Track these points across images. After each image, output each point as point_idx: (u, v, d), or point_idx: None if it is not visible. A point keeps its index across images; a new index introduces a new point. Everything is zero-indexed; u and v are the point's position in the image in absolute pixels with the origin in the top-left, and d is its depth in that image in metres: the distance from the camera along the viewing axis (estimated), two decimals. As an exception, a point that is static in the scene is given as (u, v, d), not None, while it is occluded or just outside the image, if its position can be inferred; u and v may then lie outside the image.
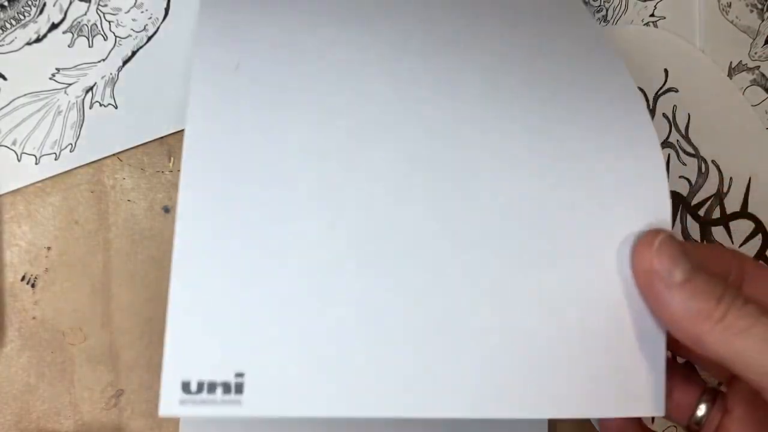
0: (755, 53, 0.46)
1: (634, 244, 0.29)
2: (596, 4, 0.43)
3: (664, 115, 0.43)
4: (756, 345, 0.26)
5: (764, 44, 0.46)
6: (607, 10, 0.43)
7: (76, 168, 0.36)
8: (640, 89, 0.43)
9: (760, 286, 0.31)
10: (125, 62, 0.37)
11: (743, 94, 0.45)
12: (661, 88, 0.43)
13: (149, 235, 0.36)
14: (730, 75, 0.45)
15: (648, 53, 0.43)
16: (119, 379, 0.35)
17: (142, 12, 0.37)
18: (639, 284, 0.28)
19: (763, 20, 0.47)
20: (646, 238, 0.28)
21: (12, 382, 0.34)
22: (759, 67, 0.46)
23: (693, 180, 0.43)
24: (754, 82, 0.46)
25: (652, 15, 0.44)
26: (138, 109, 0.37)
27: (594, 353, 0.29)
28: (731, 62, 0.46)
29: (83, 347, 0.35)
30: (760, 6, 0.46)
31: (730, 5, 0.46)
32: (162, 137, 0.37)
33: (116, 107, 0.37)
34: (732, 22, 0.46)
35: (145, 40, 0.37)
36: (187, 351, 0.23)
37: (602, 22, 0.43)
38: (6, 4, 0.35)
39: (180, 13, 0.38)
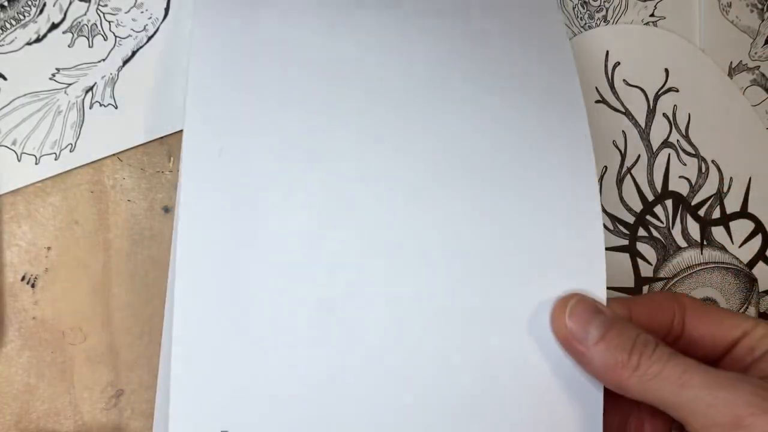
0: (755, 53, 0.46)
1: (551, 311, 0.32)
2: (596, 4, 0.43)
3: (664, 114, 0.43)
4: (668, 386, 0.28)
5: (764, 44, 0.46)
6: (607, 10, 0.43)
7: (76, 168, 0.36)
8: (641, 89, 0.43)
9: (700, 323, 0.33)
10: (125, 62, 0.37)
11: (743, 94, 0.45)
12: (661, 87, 0.43)
13: (149, 235, 0.36)
14: (730, 75, 0.45)
15: (648, 52, 0.43)
16: (119, 379, 0.35)
17: (142, 12, 0.37)
18: (562, 346, 0.31)
19: (763, 20, 0.47)
20: (559, 303, 0.32)
21: (12, 382, 0.34)
22: (759, 67, 0.46)
23: (693, 180, 0.43)
24: (754, 82, 0.46)
25: (652, 15, 0.44)
26: (138, 109, 0.37)
27: (531, 410, 0.32)
28: (731, 62, 0.46)
29: (83, 347, 0.35)
30: (760, 6, 0.46)
31: (730, 5, 0.46)
32: (162, 137, 0.37)
33: (116, 107, 0.37)
34: (732, 22, 0.46)
35: (145, 40, 0.37)
36: (186, 414, 0.29)
37: (602, 22, 0.43)
38: (6, 4, 0.35)
39: (180, 13, 0.38)
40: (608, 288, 0.40)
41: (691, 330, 0.33)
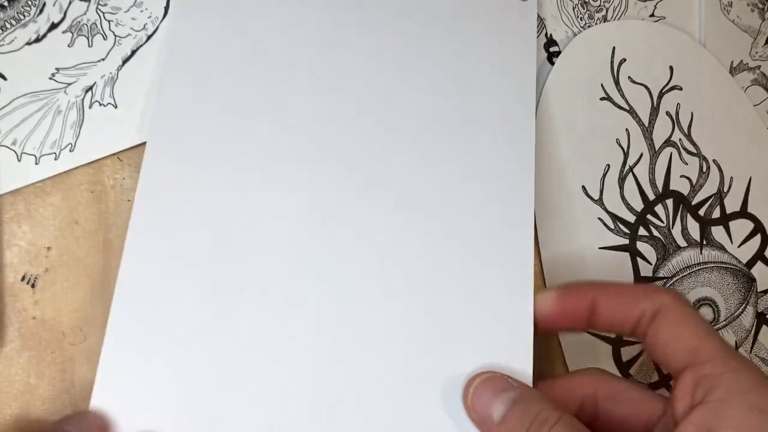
0: (756, 53, 0.46)
1: (462, 391, 0.32)
2: (596, 4, 0.43)
3: (667, 113, 0.43)
4: None
5: (765, 44, 0.46)
6: (607, 10, 0.43)
7: (76, 168, 0.36)
8: (645, 86, 0.43)
9: (668, 325, 0.32)
10: (125, 61, 0.37)
11: (744, 93, 0.45)
12: (666, 85, 0.43)
13: (149, 235, 0.36)
14: (731, 74, 0.45)
15: (654, 49, 0.43)
16: (119, 379, 0.35)
17: (141, 11, 0.37)
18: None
19: (764, 20, 0.47)
20: (467, 384, 0.32)
21: (12, 383, 0.34)
22: (760, 66, 0.46)
23: (694, 179, 0.43)
24: (755, 82, 0.46)
25: (652, 15, 0.44)
26: (138, 108, 0.37)
27: None
28: (732, 62, 0.46)
29: (83, 347, 0.35)
30: (760, 5, 0.46)
31: (731, 5, 0.46)
32: (162, 137, 0.37)
33: (116, 106, 0.37)
34: (733, 21, 0.46)
35: (144, 39, 0.37)
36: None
37: (602, 23, 0.43)
38: (6, 3, 0.35)
39: (180, 12, 0.37)
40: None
41: (660, 332, 0.32)
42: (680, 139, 0.43)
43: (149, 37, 0.37)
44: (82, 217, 0.36)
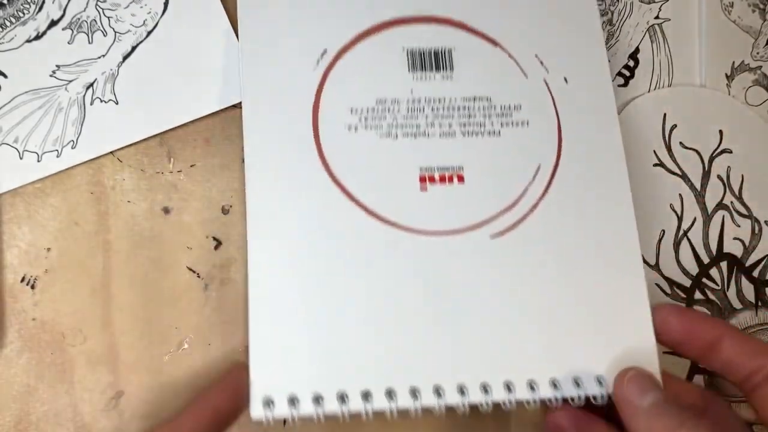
0: (757, 53, 0.46)
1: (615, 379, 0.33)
2: (601, 8, 0.43)
3: (719, 176, 0.43)
4: None
5: (766, 44, 0.46)
6: (612, 14, 0.43)
7: (76, 168, 0.35)
8: (696, 151, 0.43)
9: (732, 348, 0.33)
10: (125, 58, 0.37)
11: (745, 94, 0.45)
12: (716, 149, 0.43)
13: (149, 236, 0.36)
14: (732, 75, 0.45)
15: (703, 114, 0.44)
16: (119, 380, 0.35)
17: (141, 7, 0.37)
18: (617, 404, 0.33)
19: (765, 20, 0.46)
20: (622, 372, 0.33)
21: (11, 384, 0.34)
22: (761, 67, 0.46)
23: (747, 241, 0.43)
24: (756, 83, 0.46)
25: (657, 17, 0.44)
26: (139, 104, 0.37)
27: None
28: (733, 62, 0.45)
29: (83, 348, 0.35)
30: (761, 6, 0.46)
31: (732, 5, 0.46)
32: (162, 138, 0.36)
33: (117, 103, 0.36)
34: (734, 21, 0.46)
35: (144, 35, 0.37)
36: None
37: (607, 26, 0.43)
38: (5, 1, 0.35)
39: (179, 8, 0.37)
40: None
41: (725, 354, 0.33)
42: (732, 202, 0.43)
43: (149, 33, 0.37)
44: (81, 219, 0.35)
